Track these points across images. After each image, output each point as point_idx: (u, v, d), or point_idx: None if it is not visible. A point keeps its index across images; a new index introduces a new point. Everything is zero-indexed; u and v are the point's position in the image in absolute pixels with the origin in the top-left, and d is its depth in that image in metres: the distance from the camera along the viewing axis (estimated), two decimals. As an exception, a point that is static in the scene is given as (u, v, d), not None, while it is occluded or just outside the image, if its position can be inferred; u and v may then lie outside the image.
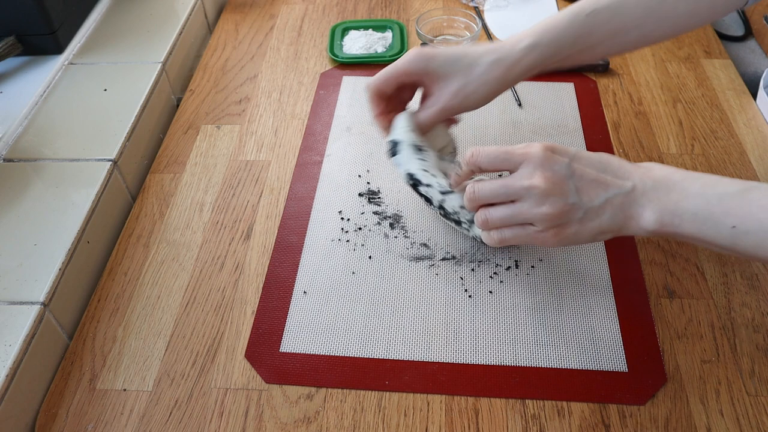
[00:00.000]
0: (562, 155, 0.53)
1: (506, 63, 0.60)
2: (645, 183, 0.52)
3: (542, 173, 0.52)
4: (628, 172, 0.53)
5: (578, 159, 0.54)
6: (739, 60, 0.98)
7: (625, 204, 0.52)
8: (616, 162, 0.54)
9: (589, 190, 0.53)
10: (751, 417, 0.55)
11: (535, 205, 0.53)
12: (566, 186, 0.52)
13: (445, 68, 0.61)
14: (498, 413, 0.55)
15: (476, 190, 0.56)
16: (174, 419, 0.56)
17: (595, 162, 0.54)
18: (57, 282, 0.61)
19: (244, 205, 0.73)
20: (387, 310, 0.62)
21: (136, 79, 0.83)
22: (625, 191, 0.52)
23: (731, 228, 0.49)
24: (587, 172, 0.53)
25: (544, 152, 0.53)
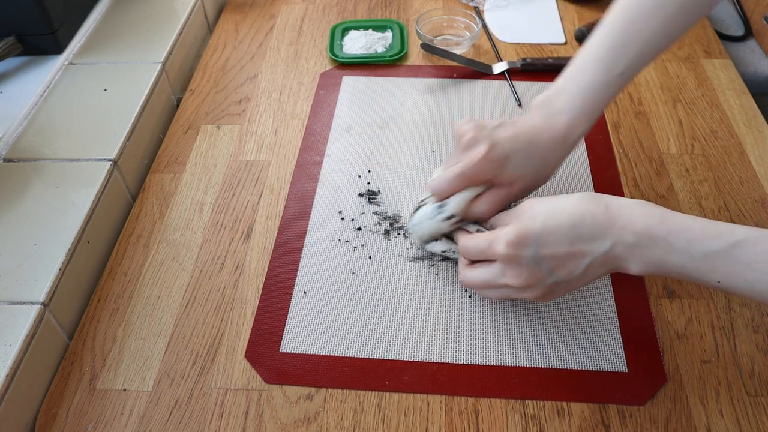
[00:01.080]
0: (527, 245, 0.52)
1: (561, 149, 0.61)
2: (625, 239, 0.50)
3: (512, 271, 0.53)
4: (604, 231, 0.51)
5: (544, 241, 0.51)
6: (739, 60, 0.98)
7: (607, 262, 0.52)
8: (589, 220, 0.51)
9: (566, 265, 0.52)
10: (751, 417, 0.55)
11: (518, 293, 0.55)
12: (538, 274, 0.52)
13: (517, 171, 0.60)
14: (498, 413, 0.55)
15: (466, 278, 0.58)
16: (174, 419, 0.56)
17: (566, 234, 0.51)
18: (57, 282, 0.61)
19: (244, 205, 0.73)
20: (387, 311, 0.62)
21: (136, 79, 0.83)
22: (603, 253, 0.51)
23: (717, 282, 0.48)
24: (558, 252, 0.51)
25: (507, 250, 0.52)
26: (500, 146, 0.58)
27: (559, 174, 0.74)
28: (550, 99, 0.61)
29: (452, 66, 0.90)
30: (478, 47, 0.94)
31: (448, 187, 0.59)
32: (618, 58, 0.59)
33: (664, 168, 0.75)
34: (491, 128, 0.60)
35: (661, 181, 0.74)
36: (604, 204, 0.52)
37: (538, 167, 0.61)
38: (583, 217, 0.51)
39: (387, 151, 0.79)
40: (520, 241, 0.52)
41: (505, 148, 0.59)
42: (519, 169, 0.59)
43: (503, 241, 0.52)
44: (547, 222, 0.52)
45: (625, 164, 0.76)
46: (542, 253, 0.52)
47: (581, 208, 0.52)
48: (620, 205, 0.51)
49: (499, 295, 0.57)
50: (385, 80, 0.89)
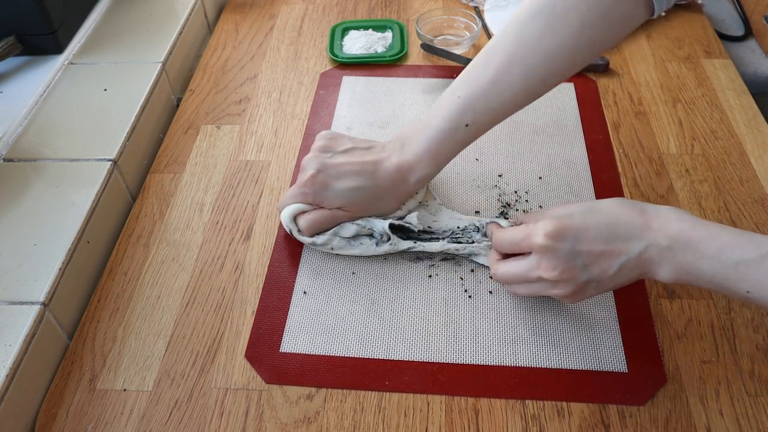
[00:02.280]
0: (565, 238, 0.52)
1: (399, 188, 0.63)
2: (659, 242, 0.51)
3: (547, 263, 0.53)
4: (640, 232, 0.52)
5: (582, 237, 0.52)
6: (739, 60, 0.98)
7: (640, 263, 0.52)
8: (625, 220, 0.52)
9: (600, 263, 0.52)
10: (751, 417, 0.55)
11: (550, 288, 0.55)
12: (574, 269, 0.53)
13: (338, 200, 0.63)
14: (498, 413, 0.55)
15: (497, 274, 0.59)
16: (174, 419, 0.56)
17: (602, 231, 0.52)
18: (57, 282, 0.61)
19: (244, 205, 0.73)
20: (387, 311, 0.62)
21: (136, 79, 0.83)
22: (638, 254, 0.51)
23: (746, 292, 0.49)
24: (594, 248, 0.52)
25: (545, 241, 0.53)
26: (325, 174, 0.63)
27: (559, 174, 0.74)
28: (405, 136, 0.63)
29: (452, 66, 0.90)
30: (478, 47, 0.94)
31: (283, 202, 0.66)
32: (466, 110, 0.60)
33: (664, 168, 0.75)
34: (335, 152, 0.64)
35: (661, 181, 0.74)
36: (639, 207, 0.53)
37: (368, 199, 0.63)
38: (620, 216, 0.53)
39: (387, 151, 0.78)
40: (558, 233, 0.52)
41: (329, 177, 0.63)
42: (341, 197, 0.62)
43: (541, 232, 0.53)
44: (585, 218, 0.53)
45: (625, 164, 0.76)
46: (579, 248, 0.52)
47: (618, 209, 0.53)
48: (655, 209, 0.53)
49: (530, 291, 0.57)
50: (385, 80, 0.89)
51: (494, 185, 0.73)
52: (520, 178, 0.74)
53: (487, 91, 0.59)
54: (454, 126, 0.60)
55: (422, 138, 0.62)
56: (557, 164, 0.76)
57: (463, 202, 0.72)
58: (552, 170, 0.75)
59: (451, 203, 0.72)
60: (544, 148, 0.78)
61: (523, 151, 0.77)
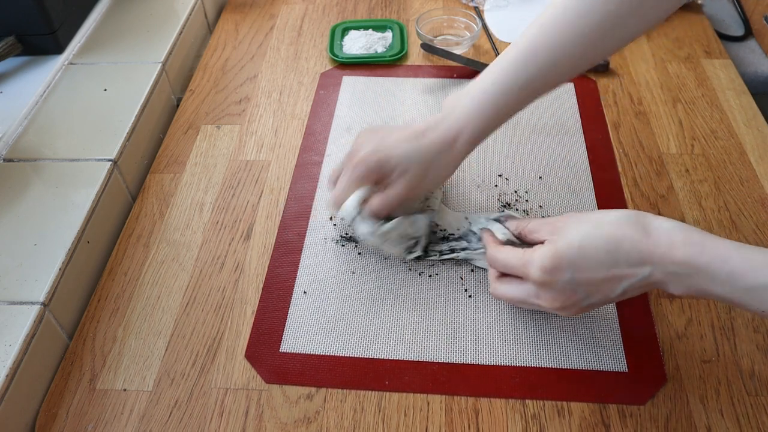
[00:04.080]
0: (562, 271, 0.51)
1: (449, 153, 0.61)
2: (665, 267, 0.48)
3: (546, 295, 0.53)
4: (644, 256, 0.49)
5: (581, 267, 0.50)
6: (739, 60, 0.98)
7: (645, 285, 0.50)
8: (627, 247, 0.49)
9: (602, 289, 0.51)
10: (751, 417, 0.55)
11: (553, 310, 0.54)
12: (574, 298, 0.52)
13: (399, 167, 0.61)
14: (498, 413, 0.55)
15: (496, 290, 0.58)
16: (174, 419, 0.56)
17: (602, 260, 0.50)
18: (57, 282, 0.61)
19: (244, 205, 0.73)
20: (387, 310, 0.62)
21: (136, 79, 0.83)
22: (642, 278, 0.49)
23: (762, 312, 0.47)
24: (594, 277, 0.50)
25: (541, 277, 0.51)
26: (385, 148, 0.61)
27: (559, 174, 0.74)
28: (452, 103, 0.62)
29: (452, 66, 0.90)
30: (478, 47, 0.94)
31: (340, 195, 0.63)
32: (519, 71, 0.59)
33: (664, 168, 0.75)
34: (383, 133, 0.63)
35: (661, 181, 0.74)
36: (643, 227, 0.50)
37: (422, 169, 0.61)
38: (622, 242, 0.50)
39: (387, 151, 0.79)
40: (555, 267, 0.51)
41: (388, 150, 0.61)
42: (399, 167, 0.61)
43: (538, 266, 0.51)
44: (584, 246, 0.50)
45: (625, 164, 0.76)
46: (578, 279, 0.51)
47: (620, 232, 0.50)
48: (660, 229, 0.50)
49: (534, 309, 0.58)
50: (385, 80, 0.89)
51: (494, 185, 0.73)
52: (520, 178, 0.74)
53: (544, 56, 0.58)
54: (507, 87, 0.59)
55: (473, 100, 0.60)
56: (557, 164, 0.76)
57: (463, 202, 0.72)
58: (552, 170, 0.75)
59: (452, 203, 0.72)
60: (544, 148, 0.78)
61: (523, 151, 0.77)
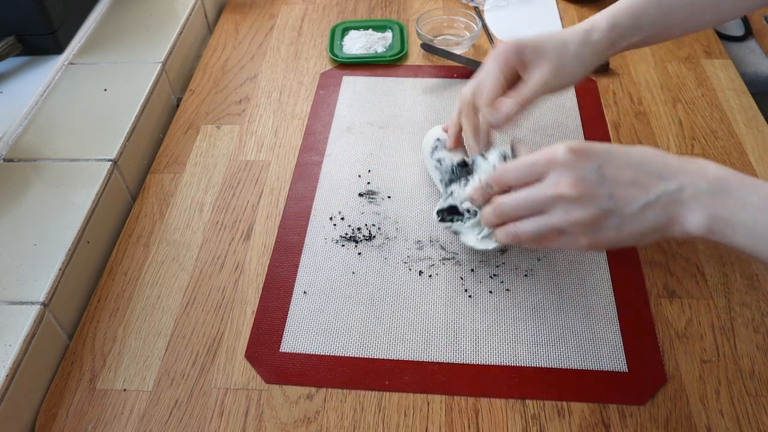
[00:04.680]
0: (590, 157, 0.48)
1: (591, 42, 0.62)
2: (697, 185, 0.46)
3: (568, 179, 0.48)
4: (675, 171, 0.47)
5: (610, 160, 0.48)
6: (739, 60, 0.98)
7: (670, 206, 0.47)
8: (659, 159, 0.48)
9: (626, 193, 0.47)
10: (751, 417, 0.55)
11: (565, 215, 0.48)
12: (597, 192, 0.48)
13: (538, 53, 0.62)
14: (498, 413, 0.55)
15: (500, 205, 0.52)
16: (174, 419, 0.56)
17: (633, 161, 0.48)
18: (57, 282, 0.61)
19: (244, 205, 0.73)
20: (387, 310, 0.62)
21: (136, 79, 0.83)
22: (669, 193, 0.47)
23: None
24: (622, 175, 0.48)
25: (569, 155, 0.48)
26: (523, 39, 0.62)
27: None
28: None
29: (452, 66, 0.90)
30: (478, 47, 0.94)
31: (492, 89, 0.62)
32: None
33: (664, 168, 0.75)
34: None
35: (661, 181, 0.74)
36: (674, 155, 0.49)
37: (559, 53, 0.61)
38: (654, 155, 0.49)
39: (387, 151, 0.79)
40: (584, 151, 0.48)
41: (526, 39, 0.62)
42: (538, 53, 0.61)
43: (564, 148, 0.48)
44: (613, 147, 0.49)
45: (625, 164, 0.76)
46: (605, 171, 0.48)
47: (650, 150, 0.49)
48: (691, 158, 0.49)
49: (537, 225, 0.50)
50: (385, 80, 0.89)
51: (494, 185, 0.73)
52: (520, 178, 0.74)
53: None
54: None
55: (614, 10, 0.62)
56: (557, 164, 0.76)
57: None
58: (552, 170, 0.75)
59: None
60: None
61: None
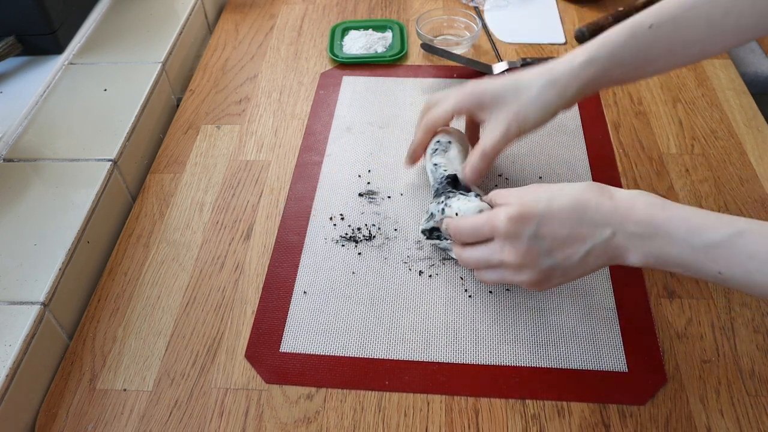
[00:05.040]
0: (527, 223, 0.52)
1: (562, 83, 0.59)
2: (626, 228, 0.50)
3: (510, 247, 0.53)
4: (607, 217, 0.50)
5: (546, 221, 0.51)
6: (739, 60, 0.99)
7: (608, 250, 0.51)
8: (592, 205, 0.51)
9: (564, 249, 0.51)
10: (751, 417, 0.55)
11: (514, 274, 0.54)
12: (537, 254, 0.52)
13: (501, 95, 0.61)
14: (498, 413, 0.55)
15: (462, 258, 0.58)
16: (174, 419, 0.56)
17: (568, 217, 0.51)
18: (57, 282, 0.61)
19: (244, 205, 0.73)
20: (387, 310, 0.62)
21: (136, 79, 0.83)
22: (604, 240, 0.50)
23: (717, 273, 0.47)
24: (558, 233, 0.51)
25: (507, 225, 0.52)
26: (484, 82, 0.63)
27: (559, 174, 0.74)
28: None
29: (452, 66, 0.90)
30: (478, 47, 0.94)
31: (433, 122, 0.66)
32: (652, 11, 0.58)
33: (664, 168, 0.75)
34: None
35: (661, 181, 0.74)
36: (609, 192, 0.52)
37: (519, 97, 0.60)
38: (588, 202, 0.51)
39: (387, 151, 0.79)
40: (521, 218, 0.52)
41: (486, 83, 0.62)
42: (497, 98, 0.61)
43: (504, 217, 0.52)
44: (551, 203, 0.52)
45: (625, 164, 0.76)
46: (543, 232, 0.51)
47: (585, 196, 0.52)
48: (622, 193, 0.52)
49: (496, 278, 0.56)
50: (385, 80, 0.89)
51: (494, 185, 0.73)
52: (520, 178, 0.74)
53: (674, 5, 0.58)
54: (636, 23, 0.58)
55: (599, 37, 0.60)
56: (557, 164, 0.76)
57: (463, 202, 0.72)
58: (552, 170, 0.75)
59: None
60: (544, 148, 0.78)
61: (523, 151, 0.77)
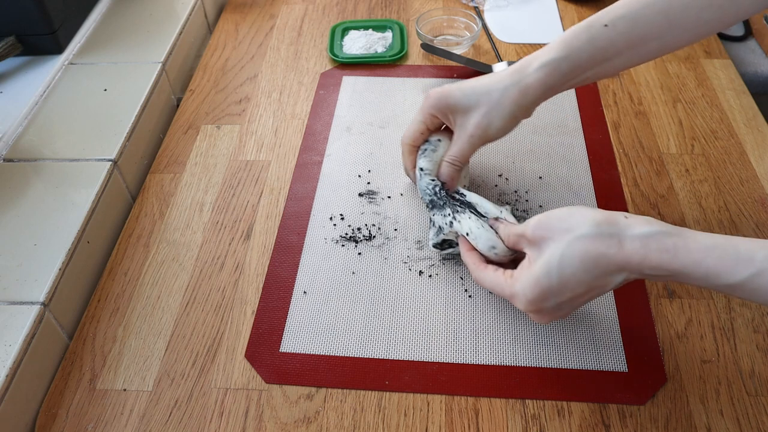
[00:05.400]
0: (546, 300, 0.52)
1: (521, 85, 0.59)
2: (642, 271, 0.49)
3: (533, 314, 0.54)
4: (620, 268, 0.49)
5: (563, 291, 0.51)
6: (739, 60, 0.99)
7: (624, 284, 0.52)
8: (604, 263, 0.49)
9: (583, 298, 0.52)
10: (751, 417, 0.55)
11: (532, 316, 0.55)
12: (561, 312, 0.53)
13: (463, 102, 0.61)
14: (498, 413, 0.55)
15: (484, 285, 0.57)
16: (174, 419, 0.56)
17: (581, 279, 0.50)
18: (57, 282, 0.61)
19: (244, 205, 0.73)
20: (387, 310, 0.62)
21: (136, 79, 0.83)
22: (619, 283, 0.51)
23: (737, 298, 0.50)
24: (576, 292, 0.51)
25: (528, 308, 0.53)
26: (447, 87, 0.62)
27: (559, 174, 0.74)
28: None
29: (452, 66, 0.90)
30: (478, 47, 0.94)
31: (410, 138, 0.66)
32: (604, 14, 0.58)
33: (664, 168, 0.75)
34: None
35: (661, 181, 0.74)
36: (617, 240, 0.49)
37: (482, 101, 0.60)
38: (598, 260, 0.50)
39: (387, 151, 0.79)
40: (538, 298, 0.52)
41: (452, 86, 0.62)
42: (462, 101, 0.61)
43: (523, 300, 0.53)
44: (562, 274, 0.50)
45: (625, 164, 0.76)
46: (561, 301, 0.52)
47: (594, 251, 0.50)
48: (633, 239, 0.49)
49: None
50: (385, 80, 0.89)
51: (494, 185, 0.73)
52: (520, 177, 0.74)
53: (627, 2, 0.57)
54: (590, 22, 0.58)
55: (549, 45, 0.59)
56: (557, 164, 0.76)
57: (463, 202, 0.72)
58: (552, 170, 0.75)
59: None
60: (544, 148, 0.78)
61: (523, 151, 0.77)
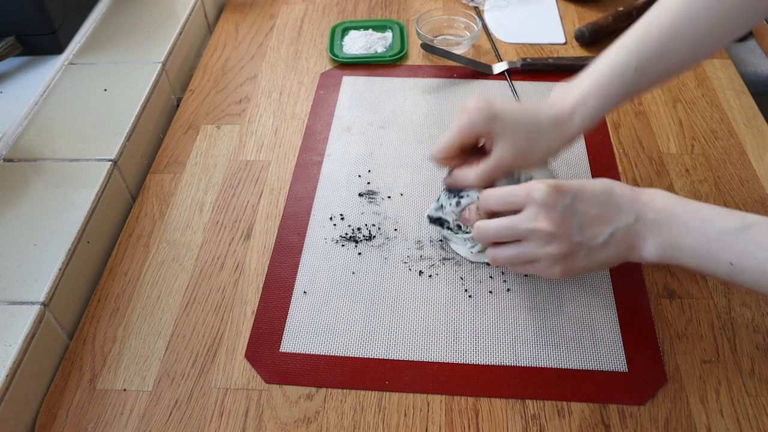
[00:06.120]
0: (564, 194, 0.54)
1: (564, 127, 0.61)
2: (647, 215, 0.53)
3: (546, 215, 0.53)
4: (630, 203, 0.54)
5: (581, 196, 0.54)
6: (739, 60, 0.99)
7: (628, 236, 0.53)
8: (618, 192, 0.54)
9: (593, 227, 0.54)
10: (751, 417, 0.55)
11: (541, 246, 0.54)
12: (570, 225, 0.53)
13: (509, 131, 0.60)
14: (498, 413, 0.55)
15: (482, 230, 0.58)
16: (174, 419, 0.56)
17: (598, 196, 0.54)
18: (57, 282, 0.61)
19: (244, 205, 0.73)
20: (387, 310, 0.62)
21: (136, 79, 0.83)
22: (628, 224, 0.53)
23: (729, 264, 0.50)
24: (590, 210, 0.54)
25: (546, 193, 0.53)
26: (493, 104, 0.60)
27: (559, 174, 0.74)
28: (569, 84, 0.62)
29: (452, 66, 0.90)
30: (478, 47, 0.94)
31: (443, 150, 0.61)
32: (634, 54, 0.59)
33: (664, 168, 0.75)
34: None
35: (661, 181, 0.74)
36: (629, 185, 0.55)
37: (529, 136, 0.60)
38: (614, 188, 0.55)
39: (387, 151, 0.79)
40: (558, 189, 0.54)
41: (497, 106, 0.60)
42: (508, 130, 0.60)
43: (542, 186, 0.53)
44: (583, 184, 0.55)
45: (625, 164, 0.76)
46: (577, 206, 0.53)
47: (610, 183, 0.55)
48: (643, 188, 0.55)
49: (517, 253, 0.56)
50: (385, 80, 0.89)
51: (494, 185, 0.73)
52: (520, 178, 0.74)
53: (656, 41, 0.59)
54: (622, 67, 0.59)
55: (588, 79, 0.60)
56: (557, 164, 0.76)
57: (463, 202, 0.72)
58: (552, 170, 0.75)
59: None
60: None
61: (523, 151, 0.77)
